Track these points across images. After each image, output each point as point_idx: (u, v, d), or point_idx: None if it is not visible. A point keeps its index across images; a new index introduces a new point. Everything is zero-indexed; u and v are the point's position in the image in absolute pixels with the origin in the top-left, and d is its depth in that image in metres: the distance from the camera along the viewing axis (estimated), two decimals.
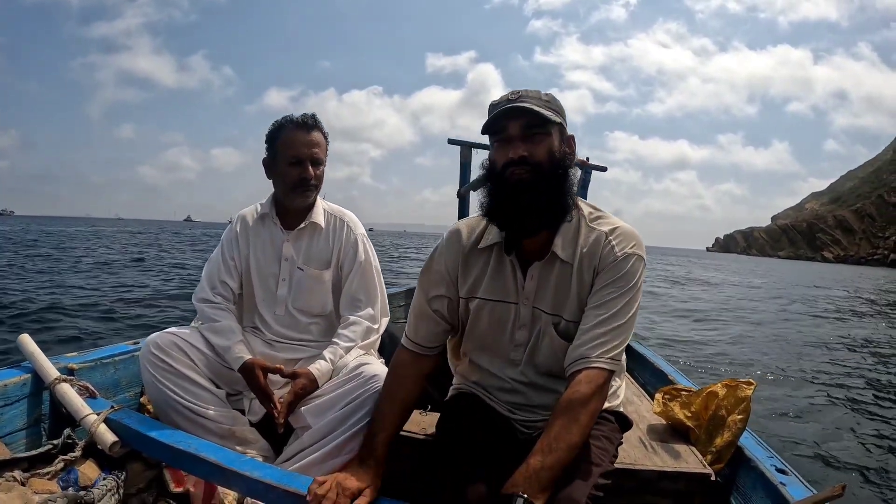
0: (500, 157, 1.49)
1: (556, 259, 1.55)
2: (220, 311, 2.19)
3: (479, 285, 1.64)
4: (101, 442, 1.74)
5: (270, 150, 2.20)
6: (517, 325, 1.63)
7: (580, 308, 1.55)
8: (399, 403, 1.65)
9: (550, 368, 1.64)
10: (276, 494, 1.54)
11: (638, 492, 1.87)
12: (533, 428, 1.66)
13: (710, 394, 2.18)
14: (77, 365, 2.10)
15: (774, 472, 1.89)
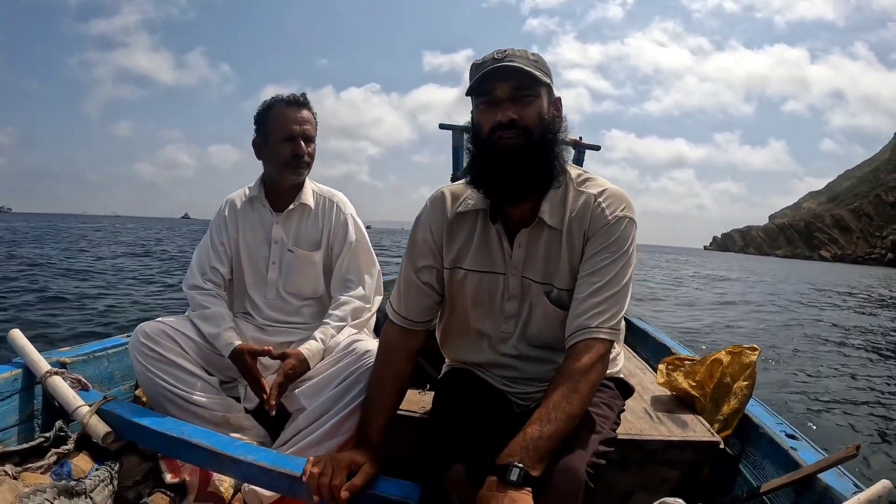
0: (487, 121, 1.40)
1: (543, 225, 1.49)
2: (210, 297, 2.17)
3: (463, 255, 1.58)
4: (93, 433, 1.71)
5: (260, 130, 2.17)
6: (506, 297, 1.57)
7: (572, 275, 1.50)
8: (390, 386, 1.61)
9: (544, 339, 1.59)
10: (272, 477, 1.52)
11: (646, 463, 1.84)
12: (529, 400, 1.62)
13: (713, 361, 2.15)
14: (69, 359, 2.07)
15: (784, 437, 1.86)
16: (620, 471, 1.84)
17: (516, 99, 1.38)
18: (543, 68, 1.43)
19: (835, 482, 1.56)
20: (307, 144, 2.15)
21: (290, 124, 2.11)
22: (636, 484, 1.84)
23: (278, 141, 2.12)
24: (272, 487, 1.57)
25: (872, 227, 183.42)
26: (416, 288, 1.63)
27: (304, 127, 2.13)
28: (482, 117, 1.43)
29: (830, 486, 1.55)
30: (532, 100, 1.40)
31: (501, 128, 1.37)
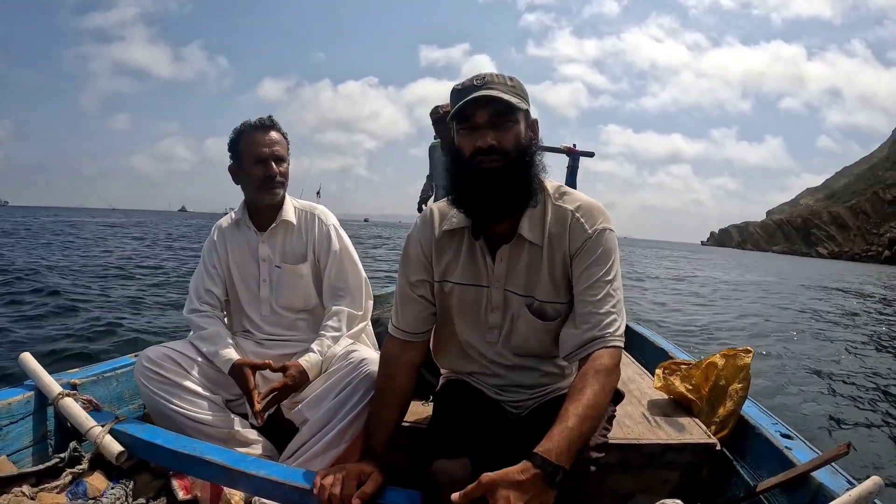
0: (467, 145, 1.47)
1: (523, 241, 1.55)
2: (206, 318, 2.25)
3: (451, 269, 1.64)
4: (107, 453, 1.75)
5: (235, 157, 2.24)
6: (489, 308, 1.63)
7: (553, 287, 1.56)
8: (392, 398, 1.66)
9: (528, 348, 1.65)
10: (283, 491, 1.56)
11: (646, 465, 1.88)
12: (521, 408, 1.68)
13: (709, 365, 2.19)
14: (79, 380, 2.11)
15: (780, 437, 1.91)
16: (622, 473, 1.89)
17: (495, 125, 1.45)
18: (521, 93, 1.49)
19: (828, 480, 1.60)
20: (278, 164, 2.20)
21: (259, 147, 2.17)
22: (637, 486, 1.89)
23: (250, 164, 2.18)
24: (284, 500, 1.60)
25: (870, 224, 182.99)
26: (412, 300, 1.69)
27: (274, 148, 2.19)
28: (463, 141, 1.49)
29: (824, 483, 1.59)
30: (510, 125, 1.46)
31: (481, 152, 1.44)
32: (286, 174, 2.25)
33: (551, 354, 1.66)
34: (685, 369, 2.33)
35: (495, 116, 1.44)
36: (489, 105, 1.44)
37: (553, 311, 1.58)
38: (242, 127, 2.21)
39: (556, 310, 1.58)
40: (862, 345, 10.29)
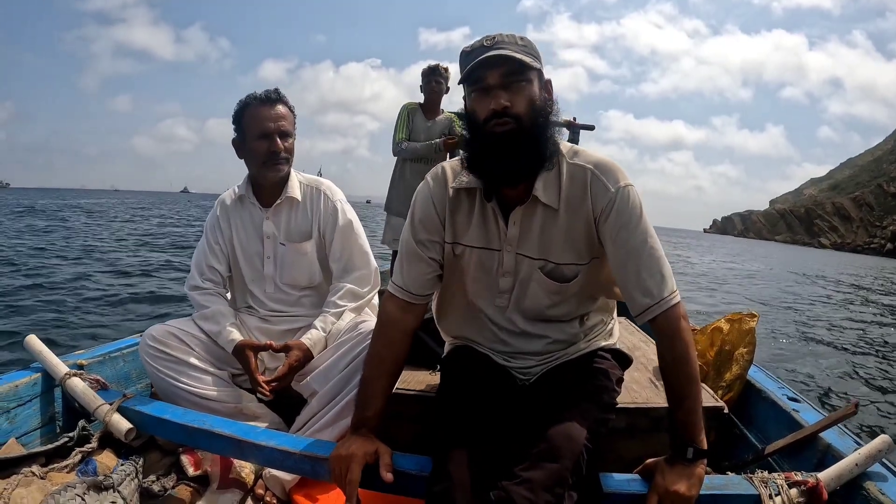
0: (481, 109, 1.42)
1: (537, 203, 1.50)
2: (209, 296, 2.22)
3: (463, 231, 1.60)
4: (116, 430, 1.75)
5: (238, 130, 2.18)
6: (501, 272, 1.59)
7: (571, 249, 1.53)
8: (389, 365, 1.62)
9: (538, 312, 1.62)
10: (294, 460, 1.56)
11: (653, 430, 1.88)
12: (529, 374, 1.66)
13: (714, 330, 2.20)
14: (86, 360, 2.11)
15: (786, 400, 1.91)
16: (629, 439, 1.89)
17: (507, 86, 1.39)
18: (533, 52, 1.44)
19: (836, 440, 1.61)
20: (283, 140, 2.14)
21: (264, 122, 2.10)
22: (645, 451, 1.88)
23: (254, 139, 2.12)
24: (295, 470, 1.62)
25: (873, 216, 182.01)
26: (420, 260, 1.63)
27: (279, 123, 2.13)
28: (476, 105, 1.44)
29: (832, 444, 1.60)
30: (523, 86, 1.40)
31: (495, 115, 1.39)
32: (291, 150, 2.19)
33: (561, 319, 1.64)
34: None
35: (507, 77, 1.39)
36: (501, 65, 1.39)
37: (570, 273, 1.55)
38: (248, 99, 2.15)
39: (574, 271, 1.55)
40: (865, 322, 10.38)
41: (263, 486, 1.84)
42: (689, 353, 1.42)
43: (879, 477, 1.42)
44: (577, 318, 1.65)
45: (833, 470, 1.43)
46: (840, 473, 1.42)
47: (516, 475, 1.25)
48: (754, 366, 2.17)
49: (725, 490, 1.40)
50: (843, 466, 1.43)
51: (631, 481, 1.43)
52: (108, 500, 1.46)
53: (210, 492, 1.78)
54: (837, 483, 1.41)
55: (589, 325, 1.68)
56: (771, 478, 1.41)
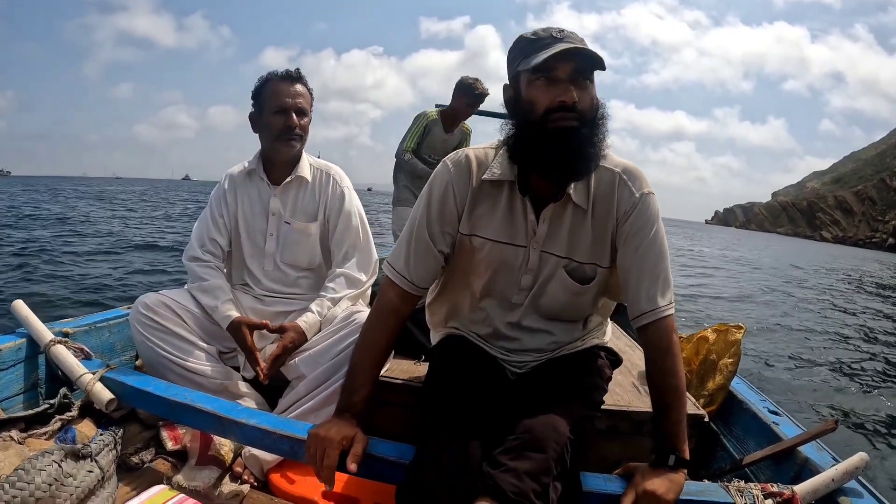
0: (544, 99, 1.37)
1: (569, 202, 1.50)
2: (208, 269, 2.21)
3: (483, 224, 1.56)
4: (97, 400, 1.75)
5: (256, 105, 2.21)
6: (524, 270, 1.57)
7: (596, 250, 1.53)
8: (381, 352, 1.60)
9: (553, 310, 1.62)
10: (273, 440, 1.56)
11: (634, 434, 1.90)
12: (523, 367, 1.66)
13: (700, 339, 2.21)
14: (72, 329, 2.10)
15: (767, 412, 1.92)
16: (610, 440, 1.90)
17: (575, 81, 1.37)
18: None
19: (814, 455, 1.62)
20: (300, 117, 2.17)
21: (282, 97, 2.13)
22: (625, 454, 1.90)
23: (271, 113, 2.15)
24: (274, 450, 1.61)
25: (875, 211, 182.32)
26: (430, 252, 1.59)
27: (297, 100, 2.16)
28: (539, 94, 1.38)
29: (810, 458, 1.61)
30: (588, 84, 1.40)
31: (563, 108, 1.36)
32: (306, 129, 2.22)
33: (572, 318, 1.66)
34: None
35: (577, 73, 1.37)
36: (572, 59, 1.36)
37: (591, 273, 1.56)
38: (269, 76, 2.19)
39: (595, 271, 1.56)
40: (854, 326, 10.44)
41: (242, 464, 1.83)
42: (677, 366, 1.44)
43: (855, 493, 1.43)
44: (583, 319, 1.68)
45: (809, 484, 1.43)
46: (816, 488, 1.42)
47: (502, 464, 1.26)
48: (738, 377, 2.18)
49: (701, 497, 1.40)
50: (820, 481, 1.44)
51: (609, 481, 1.43)
52: (85, 469, 1.44)
53: (188, 467, 1.77)
54: (813, 497, 1.42)
55: (590, 326, 1.70)
56: (747, 487, 1.42)
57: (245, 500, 1.71)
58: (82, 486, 1.41)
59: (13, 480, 1.27)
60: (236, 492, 1.71)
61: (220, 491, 1.70)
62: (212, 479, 1.72)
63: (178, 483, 1.69)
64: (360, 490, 1.72)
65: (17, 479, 1.28)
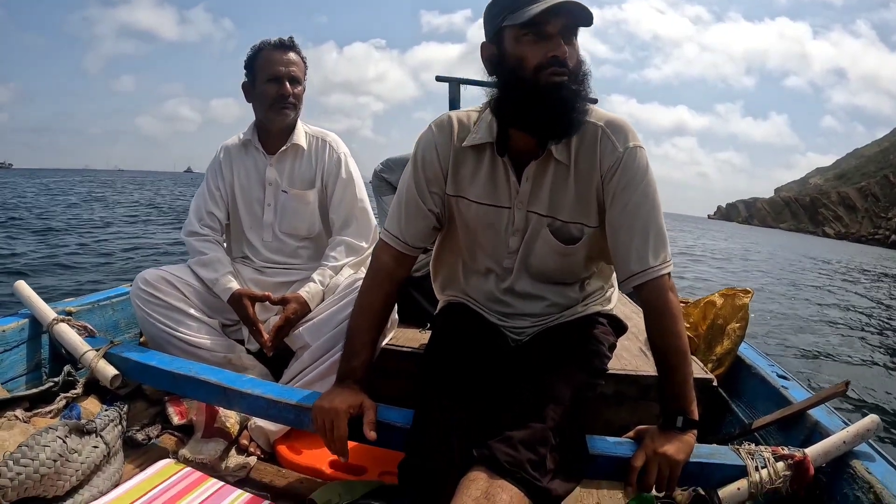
0: (534, 55, 1.31)
1: (551, 159, 1.45)
2: (207, 243, 2.21)
3: (468, 186, 1.54)
4: (101, 377, 1.75)
5: (249, 74, 2.19)
6: (510, 231, 1.54)
7: (581, 208, 1.48)
8: (378, 315, 1.60)
9: (543, 271, 1.59)
10: (278, 409, 1.57)
11: (641, 398, 1.90)
12: (523, 334, 1.64)
13: (707, 304, 2.19)
14: (75, 308, 2.10)
15: (776, 377, 1.91)
16: (617, 405, 1.90)
17: (565, 36, 1.32)
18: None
19: (823, 418, 1.61)
20: (293, 86, 2.16)
21: (275, 66, 2.12)
22: (632, 419, 1.90)
23: (264, 82, 2.13)
24: (280, 419, 1.62)
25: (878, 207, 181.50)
26: (420, 211, 1.59)
27: (290, 69, 2.14)
28: (527, 50, 1.33)
29: (820, 421, 1.59)
30: (575, 41, 1.35)
31: (555, 64, 1.31)
32: (300, 97, 2.20)
33: (564, 281, 1.62)
34: (683, 307, 2.33)
35: (566, 28, 1.31)
36: (563, 15, 1.30)
37: (577, 232, 1.51)
38: (261, 44, 2.16)
39: (581, 230, 1.51)
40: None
41: (248, 437, 1.84)
42: (677, 326, 1.40)
43: (866, 456, 1.41)
44: (578, 282, 1.63)
45: (820, 446, 1.42)
46: (827, 450, 1.41)
47: (500, 433, 1.24)
48: (745, 343, 2.17)
49: (712, 459, 1.39)
50: (831, 443, 1.42)
51: (617, 444, 1.43)
52: (91, 445, 1.44)
53: (194, 440, 1.78)
54: (824, 459, 1.41)
55: (588, 290, 1.66)
56: (758, 450, 1.41)
57: (252, 472, 1.71)
58: (88, 462, 1.41)
59: (17, 457, 1.26)
60: (243, 464, 1.71)
61: (227, 464, 1.70)
62: (218, 451, 1.72)
63: (185, 456, 1.70)
64: (366, 458, 1.73)
65: (22, 456, 1.27)
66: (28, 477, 1.26)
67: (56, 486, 1.33)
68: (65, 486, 1.36)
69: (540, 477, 1.19)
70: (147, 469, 1.55)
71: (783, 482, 1.35)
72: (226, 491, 1.49)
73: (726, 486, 1.36)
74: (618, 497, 1.64)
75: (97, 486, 1.44)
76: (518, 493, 1.15)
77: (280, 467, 1.75)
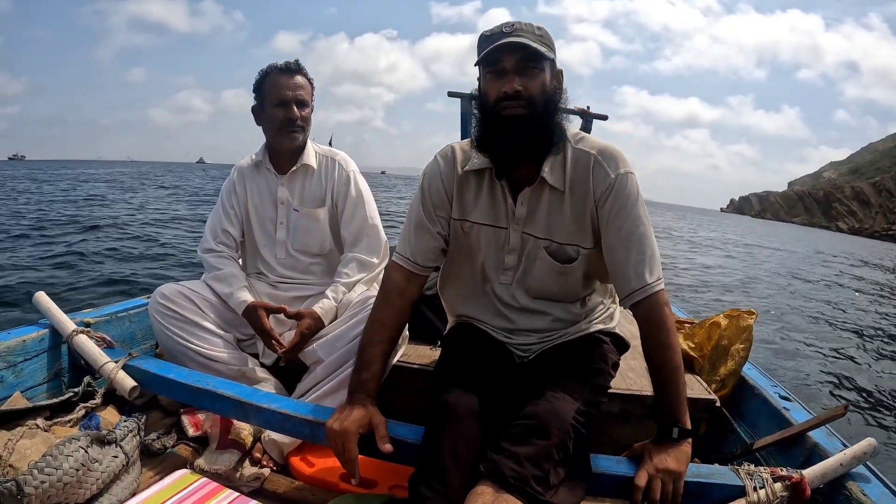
0: (493, 90, 1.49)
1: (545, 185, 1.57)
2: (222, 259, 2.27)
3: (471, 208, 1.67)
4: (120, 388, 1.79)
5: (258, 97, 2.25)
6: (506, 250, 1.66)
7: (577, 231, 1.59)
8: (390, 330, 1.67)
9: (541, 290, 1.69)
10: (293, 423, 1.61)
11: (646, 417, 1.93)
12: (529, 351, 1.71)
13: (712, 325, 2.22)
14: (93, 319, 2.15)
15: (778, 398, 1.94)
16: (622, 424, 1.93)
17: (521, 71, 1.47)
18: (548, 43, 1.51)
19: (823, 440, 1.64)
20: (300, 109, 2.21)
21: (283, 90, 2.17)
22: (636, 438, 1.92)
23: (272, 106, 2.19)
24: (294, 433, 1.66)
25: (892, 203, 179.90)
26: (427, 232, 1.70)
27: (297, 92, 2.19)
28: (489, 86, 1.51)
29: (819, 443, 1.62)
30: (536, 73, 1.48)
31: (507, 98, 1.46)
32: (307, 119, 2.25)
33: (564, 299, 1.70)
34: (689, 328, 2.37)
35: (522, 63, 1.47)
36: (517, 52, 1.46)
37: (573, 253, 1.62)
38: (268, 69, 2.21)
39: (577, 251, 1.61)
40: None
41: (261, 449, 1.87)
42: (672, 340, 1.48)
43: (863, 478, 1.44)
44: (578, 299, 1.72)
45: (818, 468, 1.45)
46: (825, 472, 1.44)
47: (505, 449, 1.28)
48: (749, 363, 2.20)
49: (711, 479, 1.43)
50: (828, 465, 1.45)
51: (619, 462, 1.47)
52: (111, 455, 1.48)
53: (209, 451, 1.82)
54: (821, 481, 1.44)
55: (589, 307, 1.73)
56: (757, 471, 1.44)
57: (265, 483, 1.75)
58: (108, 471, 1.45)
59: (41, 466, 1.30)
60: (256, 475, 1.75)
61: (241, 474, 1.74)
62: (232, 462, 1.76)
63: (200, 467, 1.74)
64: (377, 472, 1.76)
65: (46, 465, 1.31)
66: (52, 485, 1.30)
67: (77, 495, 1.37)
68: (85, 495, 1.39)
69: (544, 491, 1.24)
70: (165, 479, 1.60)
71: (780, 502, 1.38)
72: (241, 502, 1.54)
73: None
74: None
75: (116, 495, 1.48)
76: None
77: (293, 479, 1.78)
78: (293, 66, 2.22)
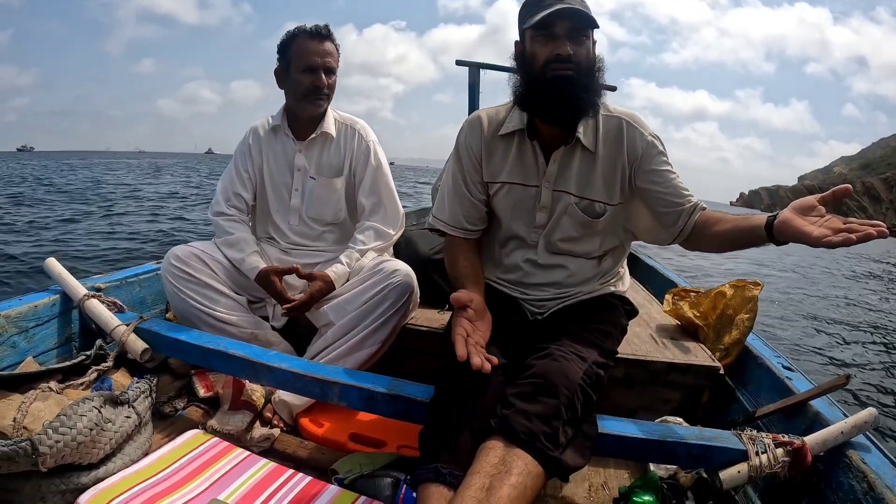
0: (543, 53, 1.56)
1: (578, 145, 1.67)
2: (233, 223, 2.26)
3: (501, 169, 1.74)
4: (131, 350, 1.80)
5: (283, 60, 2.20)
6: (537, 208, 1.74)
7: (605, 189, 1.70)
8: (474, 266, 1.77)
9: (565, 245, 1.76)
10: (304, 383, 1.64)
11: (650, 383, 1.96)
12: (543, 308, 1.77)
13: (718, 294, 2.23)
14: (104, 284, 2.15)
15: (781, 367, 1.96)
16: (626, 389, 1.96)
17: (572, 37, 1.55)
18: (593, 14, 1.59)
19: (825, 409, 1.65)
20: (328, 76, 2.17)
21: (311, 56, 2.12)
22: (640, 403, 1.96)
23: (298, 71, 2.14)
24: (305, 393, 1.69)
25: None
26: (468, 200, 1.79)
27: (326, 59, 2.15)
28: (538, 48, 1.58)
29: (821, 412, 1.64)
30: (583, 40, 1.57)
31: (558, 60, 1.53)
32: (333, 87, 2.23)
33: (582, 255, 1.78)
34: (694, 296, 2.38)
35: (574, 29, 1.55)
36: (570, 19, 1.53)
37: (600, 209, 1.71)
38: (297, 31, 2.17)
39: (604, 208, 1.71)
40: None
41: (272, 409, 1.90)
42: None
43: (863, 447, 1.45)
44: (596, 257, 1.79)
45: (819, 435, 1.46)
46: (825, 439, 1.46)
47: (515, 405, 1.30)
48: (753, 334, 2.21)
49: (715, 443, 1.45)
50: (829, 433, 1.47)
51: (624, 424, 1.50)
52: (124, 415, 1.51)
53: (221, 412, 1.85)
54: (822, 448, 1.45)
55: (604, 267, 1.81)
56: (759, 437, 1.45)
57: (276, 443, 1.78)
58: (121, 431, 1.48)
59: (56, 426, 1.32)
60: (267, 435, 1.78)
61: (252, 435, 1.77)
62: (244, 423, 1.80)
63: (212, 427, 1.78)
64: (386, 431, 1.80)
65: (60, 425, 1.33)
66: (66, 445, 1.31)
67: (91, 454, 1.39)
68: (98, 454, 1.42)
69: (553, 448, 1.26)
70: (176, 439, 1.62)
71: (782, 467, 1.40)
72: (252, 460, 1.57)
73: (728, 468, 1.41)
74: (624, 476, 1.71)
75: (129, 455, 1.51)
76: (532, 462, 1.22)
77: (302, 439, 1.82)
78: (323, 30, 2.17)
